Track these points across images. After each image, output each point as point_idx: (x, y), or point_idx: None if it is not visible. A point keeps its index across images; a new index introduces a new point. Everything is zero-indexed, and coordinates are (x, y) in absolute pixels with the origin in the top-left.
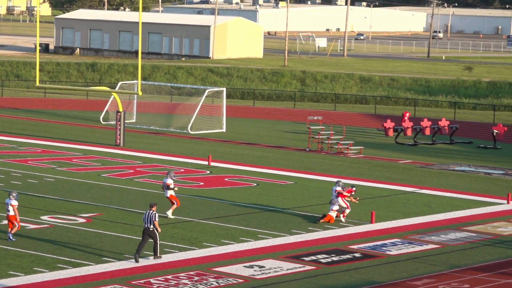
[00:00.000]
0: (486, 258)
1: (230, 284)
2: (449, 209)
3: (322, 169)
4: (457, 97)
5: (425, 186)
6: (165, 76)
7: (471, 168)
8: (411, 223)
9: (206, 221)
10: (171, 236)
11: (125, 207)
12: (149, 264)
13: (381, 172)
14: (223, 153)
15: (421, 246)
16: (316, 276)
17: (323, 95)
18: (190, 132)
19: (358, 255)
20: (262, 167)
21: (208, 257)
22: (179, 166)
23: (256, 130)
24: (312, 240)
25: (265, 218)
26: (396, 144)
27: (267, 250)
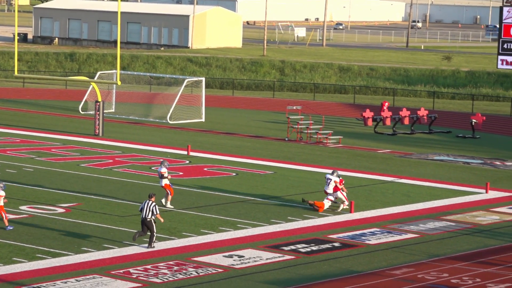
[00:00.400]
0: (465, 247)
1: (209, 273)
2: (428, 199)
3: (301, 159)
4: (436, 87)
5: (404, 176)
6: (144, 66)
7: (449, 158)
8: (390, 212)
9: (185, 211)
10: None
11: (104, 197)
12: (128, 254)
13: (360, 162)
14: (202, 142)
15: (400, 235)
16: (295, 266)
17: (302, 85)
18: (169, 122)
19: (337, 245)
20: (241, 156)
21: (188, 246)
22: (158, 156)
23: (235, 120)
24: (291, 229)
25: (245, 208)
26: (375, 133)
27: (247, 240)
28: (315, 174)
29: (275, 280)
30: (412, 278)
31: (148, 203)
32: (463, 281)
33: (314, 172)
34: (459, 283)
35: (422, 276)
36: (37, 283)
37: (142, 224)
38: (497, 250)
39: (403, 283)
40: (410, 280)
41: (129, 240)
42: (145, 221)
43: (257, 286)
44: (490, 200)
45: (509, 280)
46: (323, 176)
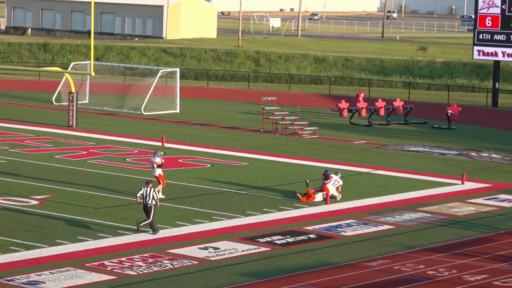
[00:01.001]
0: (441, 238)
1: (184, 266)
2: (404, 190)
3: (277, 150)
4: (412, 78)
5: (380, 167)
6: (118, 56)
7: (425, 149)
8: (366, 204)
9: (160, 202)
10: (125, 218)
11: (79, 188)
12: (103, 246)
13: (336, 153)
14: (177, 134)
15: (376, 227)
16: (271, 258)
17: (277, 76)
18: (143, 113)
19: (313, 236)
20: (216, 148)
21: (163, 239)
22: (132, 147)
23: (210, 111)
24: (267, 221)
25: (220, 200)
26: (350, 124)
27: (222, 232)
28: (291, 165)
29: (250, 272)
30: (388, 269)
31: (147, 190)
32: (440, 272)
33: (290, 163)
34: (435, 275)
35: (398, 268)
36: (11, 276)
37: (144, 210)
38: (473, 241)
39: (379, 274)
40: (386, 272)
41: (103, 232)
42: (146, 207)
43: (232, 278)
44: (466, 191)
45: (486, 271)
46: (299, 167)
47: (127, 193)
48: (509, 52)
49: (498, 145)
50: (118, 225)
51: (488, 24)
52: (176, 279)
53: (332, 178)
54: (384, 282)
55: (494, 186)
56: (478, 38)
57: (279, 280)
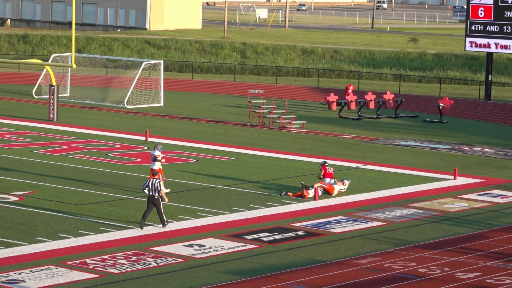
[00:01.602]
0: (433, 235)
1: (169, 264)
2: (395, 185)
3: (264, 145)
4: (402, 70)
5: (370, 162)
6: (100, 48)
7: (416, 143)
8: (356, 199)
9: (144, 198)
10: (108, 215)
11: (60, 184)
12: (85, 243)
13: (324, 147)
14: (161, 128)
15: (366, 223)
16: (258, 255)
17: (264, 68)
18: (126, 107)
19: (301, 233)
20: (201, 142)
21: (146, 236)
22: (115, 141)
23: (195, 104)
24: (254, 218)
25: (205, 195)
26: (339, 118)
27: (207, 229)
28: (278, 160)
29: (237, 270)
30: (378, 267)
31: (152, 181)
32: (431, 270)
33: (277, 158)
34: (427, 273)
35: (388, 266)
36: None
37: (149, 202)
38: (466, 238)
39: (369, 272)
40: (377, 270)
41: (85, 229)
42: (152, 199)
43: (218, 276)
44: (458, 187)
45: (479, 269)
46: (287, 162)
47: (107, 185)
48: (502, 43)
49: (491, 139)
50: (101, 221)
51: (480, 15)
52: (160, 277)
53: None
54: (374, 280)
55: (487, 181)
56: (471, 29)
57: (266, 278)
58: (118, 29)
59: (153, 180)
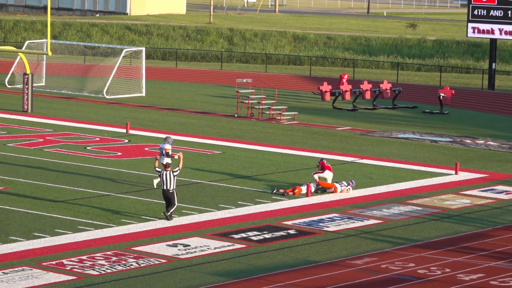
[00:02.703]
0: (433, 234)
1: (151, 264)
2: (392, 181)
3: (253, 137)
4: (400, 57)
5: (366, 156)
6: (78, 34)
7: (415, 136)
8: (351, 196)
9: (125, 195)
10: (86, 212)
11: (34, 180)
12: (61, 243)
13: (317, 140)
14: (142, 119)
15: (362, 221)
16: (246, 256)
17: (252, 55)
18: (105, 97)
19: (292, 232)
20: (186, 135)
21: (127, 235)
22: (93, 134)
23: (179, 94)
24: (242, 215)
25: (190, 192)
26: (333, 109)
27: (193, 227)
28: (268, 154)
29: (224, 271)
30: (375, 268)
31: (165, 174)
32: (431, 271)
33: (267, 152)
34: (427, 274)
35: (386, 266)
36: None
37: (164, 197)
38: (468, 237)
39: (365, 274)
40: (373, 271)
41: (62, 227)
42: (167, 193)
43: (204, 278)
44: (460, 182)
45: (482, 270)
46: (277, 156)
47: (85, 181)
48: (506, 29)
49: (495, 132)
50: (78, 220)
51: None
52: (142, 279)
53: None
54: (371, 281)
55: (491, 176)
56: (473, 14)
57: (256, 280)
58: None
59: (166, 173)
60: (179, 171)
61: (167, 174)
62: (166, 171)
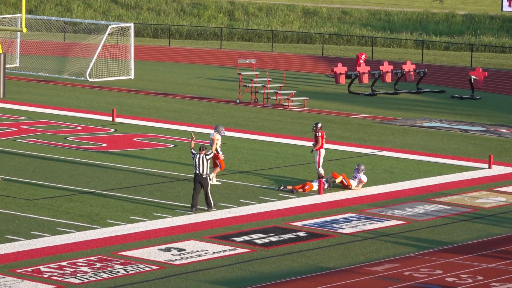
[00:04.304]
0: (463, 237)
1: (141, 271)
2: (416, 176)
3: (257, 126)
4: (425, 35)
5: (386, 147)
6: (56, 8)
7: (443, 124)
8: (369, 193)
9: (111, 192)
10: (66, 212)
11: (7, 175)
12: (38, 247)
13: (331, 130)
14: (131, 106)
15: (382, 222)
16: (250, 261)
17: (257, 33)
18: (88, 80)
19: (302, 234)
20: (180, 123)
21: (114, 238)
22: (75, 122)
23: (173, 76)
24: (245, 215)
25: (185, 188)
26: (349, 93)
27: (188, 229)
28: (274, 145)
29: (224, 279)
30: (397, 276)
31: (198, 157)
32: (461, 279)
33: (273, 142)
34: (456, 282)
35: (409, 274)
36: None
37: (195, 182)
38: (503, 240)
39: (386, 282)
40: (395, 279)
41: (39, 229)
42: (199, 178)
43: (201, 286)
44: (494, 178)
45: None
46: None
47: (66, 176)
48: None
49: None
50: (58, 220)
51: None
52: None
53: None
54: None
55: None
56: None
57: None
58: None
59: (200, 156)
60: (212, 154)
61: (200, 158)
62: (200, 154)
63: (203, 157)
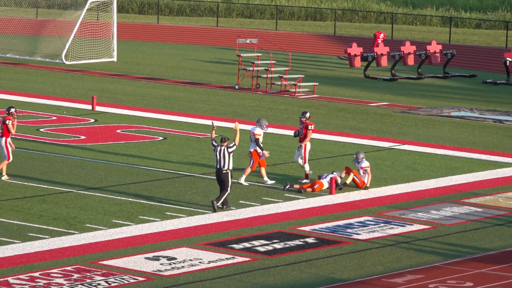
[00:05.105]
0: (497, 243)
1: (125, 284)
2: (443, 173)
3: (259, 116)
4: (454, 10)
5: (408, 140)
6: None
7: (474, 114)
8: (388, 193)
9: (90, 192)
10: (39, 215)
11: None
12: (6, 256)
13: (344, 120)
14: (114, 92)
15: (403, 226)
16: (251, 272)
17: (258, 8)
18: (64, 62)
19: (311, 241)
20: (171, 113)
21: (94, 244)
22: (49, 112)
23: (162, 59)
24: (245, 219)
25: (176, 188)
26: (365, 78)
27: (180, 234)
28: (278, 138)
29: None
30: None
31: (220, 150)
32: None
33: (277, 135)
34: None
35: (435, 286)
36: None
37: (218, 178)
38: None
39: None
40: None
41: (7, 235)
42: (220, 174)
43: None
44: None
45: None
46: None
47: (38, 173)
48: None
49: None
50: (29, 225)
51: None
52: None
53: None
54: None
55: None
56: None
57: None
58: None
59: (221, 149)
60: (235, 147)
61: (222, 150)
62: (222, 146)
63: (225, 149)
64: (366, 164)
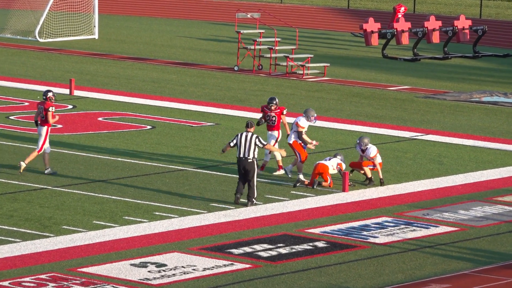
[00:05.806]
0: None
1: None
2: (472, 168)
3: (261, 101)
4: None
5: (433, 129)
6: None
7: (508, 99)
8: (410, 190)
9: (67, 189)
10: (8, 215)
11: None
12: None
13: (359, 106)
14: (94, 75)
15: (427, 228)
16: (252, 280)
17: None
18: (38, 40)
19: (321, 245)
20: (160, 98)
21: (71, 249)
22: (20, 97)
23: (150, 36)
24: (245, 219)
25: (167, 184)
26: (383, 58)
27: (170, 237)
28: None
29: None
30: None
31: (245, 136)
32: None
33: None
34: None
35: None
36: None
37: (239, 168)
38: None
39: None
40: None
41: None
42: (244, 163)
43: None
44: None
45: None
46: None
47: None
48: None
49: None
50: None
51: None
52: None
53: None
54: None
55: None
56: None
57: None
58: None
59: (247, 135)
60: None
61: (247, 137)
62: (248, 132)
63: (256, 138)
64: (374, 152)
